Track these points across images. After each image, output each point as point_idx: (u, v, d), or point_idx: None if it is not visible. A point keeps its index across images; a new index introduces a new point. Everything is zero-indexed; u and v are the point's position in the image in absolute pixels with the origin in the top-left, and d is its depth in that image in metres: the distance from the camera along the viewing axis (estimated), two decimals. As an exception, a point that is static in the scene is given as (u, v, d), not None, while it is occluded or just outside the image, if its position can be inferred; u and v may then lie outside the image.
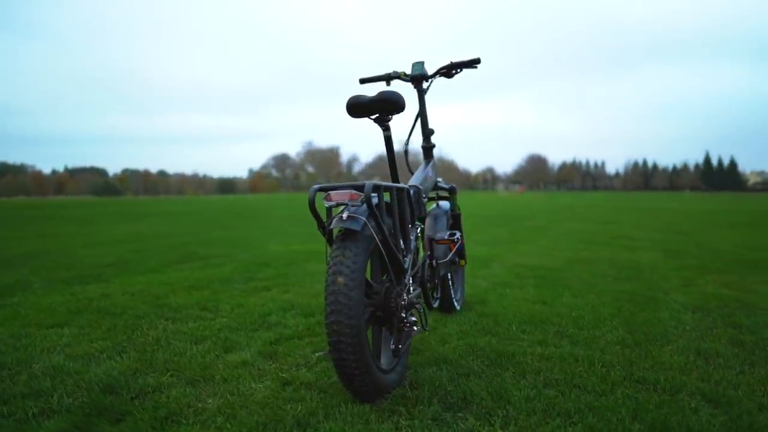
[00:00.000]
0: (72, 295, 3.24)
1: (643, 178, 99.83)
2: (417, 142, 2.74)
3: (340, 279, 1.51)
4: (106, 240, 6.96)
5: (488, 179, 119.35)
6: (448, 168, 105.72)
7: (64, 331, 2.42)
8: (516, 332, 2.39)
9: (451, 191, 2.75)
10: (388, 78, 2.67)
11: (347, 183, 1.62)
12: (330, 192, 1.60)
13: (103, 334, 2.36)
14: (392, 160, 2.00)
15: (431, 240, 2.38)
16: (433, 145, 2.57)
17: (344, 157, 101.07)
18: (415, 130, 2.62)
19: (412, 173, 2.66)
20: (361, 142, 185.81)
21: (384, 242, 1.65)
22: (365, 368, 1.53)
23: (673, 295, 3.33)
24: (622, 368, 1.90)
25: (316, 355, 2.08)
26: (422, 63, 2.61)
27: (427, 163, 2.55)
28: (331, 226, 1.59)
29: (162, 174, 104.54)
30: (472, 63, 2.49)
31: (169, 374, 1.85)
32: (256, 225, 9.56)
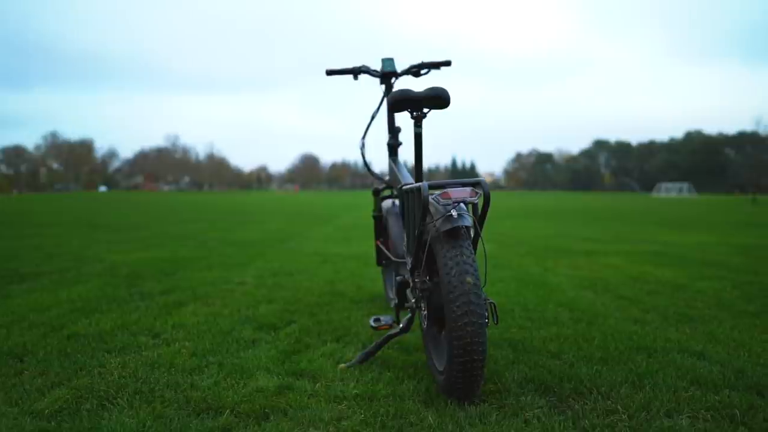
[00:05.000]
0: None
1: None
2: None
3: (469, 279, 1.49)
4: None
5: (262, 178, 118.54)
6: (220, 165, 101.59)
7: (-28, 386, 1.76)
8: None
9: None
10: (356, 72, 2.60)
11: (459, 180, 1.61)
12: (448, 190, 1.56)
13: (45, 383, 1.79)
14: (420, 158, 1.99)
15: None
16: (401, 143, 2.59)
17: (99, 151, 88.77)
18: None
19: (370, 171, 2.65)
20: (120, 135, 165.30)
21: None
22: (484, 369, 1.54)
23: (550, 278, 3.95)
24: (614, 340, 2.25)
25: (341, 366, 1.96)
26: (392, 60, 2.62)
27: (397, 161, 2.56)
28: (449, 226, 1.54)
29: None
30: (442, 64, 2.59)
31: (226, 414, 1.54)
32: (42, 232, 7.88)
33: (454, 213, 1.56)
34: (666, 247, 6.15)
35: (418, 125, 1.92)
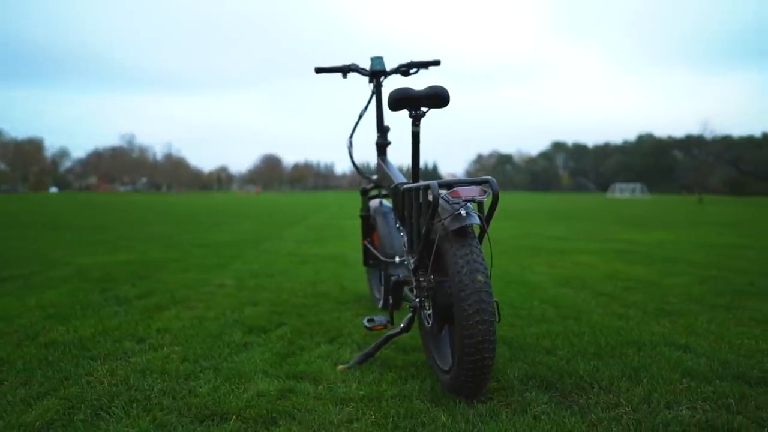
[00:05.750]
0: None
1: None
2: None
3: (480, 277, 1.50)
4: None
5: (222, 179, 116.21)
6: (179, 166, 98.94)
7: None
8: (481, 319, 2.61)
9: None
10: (346, 70, 2.58)
11: (466, 179, 1.61)
12: (457, 188, 1.56)
13: (30, 394, 1.69)
14: (417, 157, 1.99)
15: None
16: (389, 142, 2.58)
17: (50, 151, 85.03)
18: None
19: (358, 170, 2.64)
20: (72, 134, 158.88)
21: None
22: (492, 367, 1.55)
23: (529, 276, 4.02)
24: (603, 335, 2.30)
25: (340, 368, 1.93)
26: (381, 58, 2.60)
27: (387, 160, 2.55)
28: (458, 225, 1.54)
29: None
30: (431, 64, 2.59)
31: (233, 420, 1.49)
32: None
33: (462, 212, 1.56)
34: (631, 245, 6.36)
35: (416, 124, 1.92)
